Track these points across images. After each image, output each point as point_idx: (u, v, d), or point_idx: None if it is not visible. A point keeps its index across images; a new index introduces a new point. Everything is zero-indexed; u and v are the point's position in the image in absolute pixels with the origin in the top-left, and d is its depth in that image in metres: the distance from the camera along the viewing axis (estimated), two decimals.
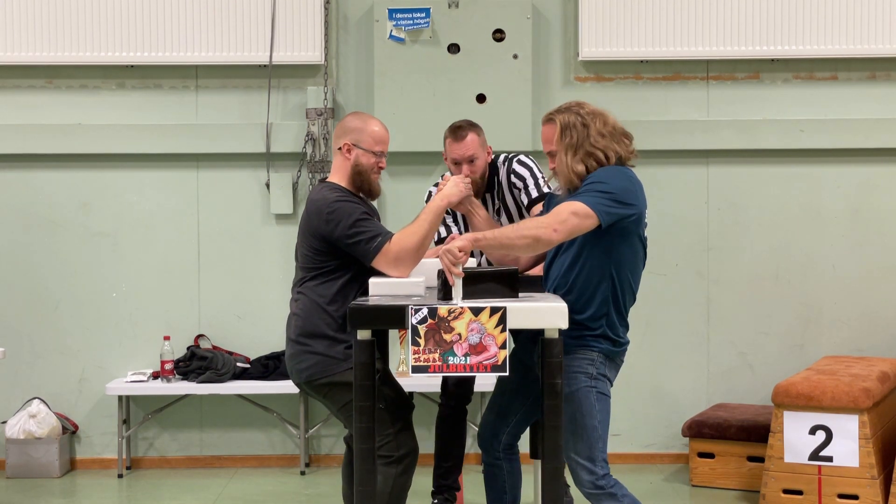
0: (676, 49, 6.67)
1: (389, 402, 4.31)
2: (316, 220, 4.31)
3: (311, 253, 4.36)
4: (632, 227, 4.10)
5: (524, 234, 3.99)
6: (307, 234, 4.37)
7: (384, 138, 4.46)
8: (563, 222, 3.98)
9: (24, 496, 6.18)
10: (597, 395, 4.10)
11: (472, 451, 6.79)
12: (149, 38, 6.64)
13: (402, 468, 4.29)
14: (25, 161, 6.74)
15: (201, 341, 6.76)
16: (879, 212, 6.76)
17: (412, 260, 4.23)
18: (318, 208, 4.32)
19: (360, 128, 4.44)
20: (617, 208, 4.02)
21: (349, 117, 4.55)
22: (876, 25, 6.62)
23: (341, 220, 4.25)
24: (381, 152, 4.45)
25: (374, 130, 4.44)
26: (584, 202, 4.00)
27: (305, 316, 4.35)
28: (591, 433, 4.08)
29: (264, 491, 6.26)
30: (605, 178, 4.07)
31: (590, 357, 4.10)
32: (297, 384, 4.48)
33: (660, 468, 6.65)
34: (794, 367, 6.63)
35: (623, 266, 4.12)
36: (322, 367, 4.31)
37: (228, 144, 6.73)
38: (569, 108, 4.23)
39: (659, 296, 6.68)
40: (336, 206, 4.28)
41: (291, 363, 4.41)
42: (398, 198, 6.68)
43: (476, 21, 6.61)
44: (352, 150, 4.41)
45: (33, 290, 6.75)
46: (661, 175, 6.67)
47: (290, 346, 4.42)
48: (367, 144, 4.42)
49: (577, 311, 4.06)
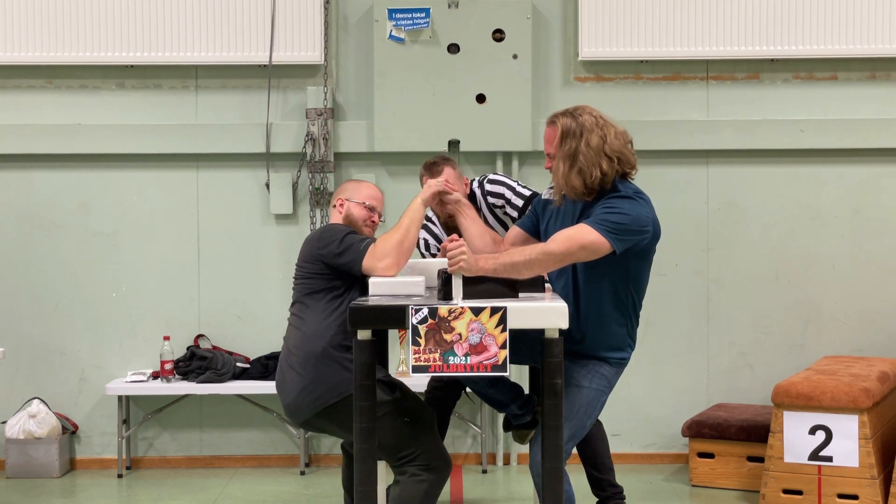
0: (676, 49, 6.67)
1: (412, 414, 4.37)
2: (310, 245, 4.51)
3: (308, 278, 4.47)
4: (649, 246, 4.16)
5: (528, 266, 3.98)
6: (305, 261, 4.51)
7: (377, 196, 4.72)
8: (569, 255, 4.01)
9: (24, 496, 6.18)
10: (602, 402, 4.21)
11: (471, 451, 6.79)
12: (148, 38, 6.64)
13: (437, 478, 4.35)
14: (25, 161, 6.74)
15: (201, 341, 6.76)
16: (879, 212, 6.76)
17: (396, 254, 4.29)
18: (312, 234, 4.58)
19: (354, 187, 4.74)
20: (631, 236, 4.05)
21: (345, 182, 4.90)
22: (876, 25, 6.62)
23: (332, 237, 4.43)
24: (373, 207, 4.67)
25: (367, 189, 4.73)
26: (598, 231, 4.00)
27: (305, 343, 4.38)
28: (579, 430, 4.16)
29: (264, 491, 6.27)
30: (619, 208, 4.06)
31: (615, 369, 4.22)
32: (304, 422, 4.45)
33: (660, 468, 6.65)
34: (794, 367, 6.63)
35: (640, 281, 4.22)
36: (340, 388, 4.32)
37: (228, 144, 6.73)
38: (573, 112, 4.21)
39: (659, 296, 6.66)
40: (328, 228, 4.53)
41: (301, 396, 4.37)
42: (398, 198, 6.66)
43: (476, 21, 6.61)
44: (344, 203, 4.66)
45: (33, 290, 6.76)
46: (661, 175, 6.67)
47: (294, 382, 4.39)
48: (359, 198, 4.67)
49: (606, 338, 4.18)
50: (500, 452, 6.78)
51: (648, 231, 4.10)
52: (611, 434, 5.29)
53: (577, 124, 4.15)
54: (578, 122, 4.15)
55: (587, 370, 4.17)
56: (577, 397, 4.12)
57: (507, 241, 4.48)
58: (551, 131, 4.22)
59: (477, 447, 6.78)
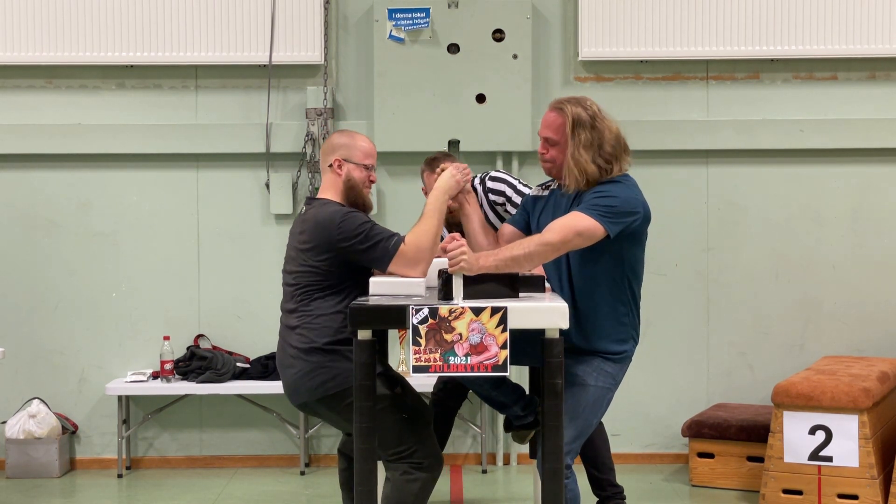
0: (676, 49, 6.67)
1: (412, 411, 4.34)
2: (327, 233, 4.25)
3: (316, 267, 4.29)
4: (640, 227, 4.17)
5: (528, 258, 3.99)
6: (312, 251, 4.29)
7: (373, 152, 4.48)
8: (567, 243, 4.02)
9: (24, 496, 6.18)
10: (608, 400, 4.21)
11: (471, 451, 6.79)
12: (148, 38, 6.64)
13: (429, 477, 4.32)
14: (25, 161, 6.74)
15: (201, 341, 6.76)
16: (879, 212, 6.76)
17: (429, 258, 4.21)
18: (329, 220, 4.27)
19: (349, 143, 4.44)
20: (622, 218, 4.07)
21: (335, 135, 4.54)
22: (876, 25, 6.62)
23: (355, 228, 4.22)
24: (371, 165, 4.47)
25: (363, 145, 4.46)
26: (591, 217, 4.02)
27: (311, 332, 4.31)
28: (585, 429, 4.15)
29: (264, 491, 6.27)
30: (607, 192, 4.10)
31: (620, 365, 4.22)
32: (302, 404, 4.38)
33: (660, 468, 6.65)
34: (793, 367, 6.63)
35: (636, 266, 4.21)
36: (343, 378, 4.26)
37: (228, 144, 6.73)
38: (579, 102, 4.21)
39: (659, 296, 6.68)
40: (348, 217, 4.26)
41: (302, 381, 4.30)
42: (398, 198, 6.69)
43: (476, 21, 6.61)
44: (343, 164, 4.40)
45: (33, 290, 6.75)
46: (661, 175, 6.68)
47: (297, 364, 4.32)
48: (358, 158, 4.42)
49: (606, 329, 4.17)
50: (500, 452, 6.78)
51: (639, 212, 4.12)
52: (611, 434, 5.29)
53: (588, 115, 4.17)
54: (589, 113, 4.18)
55: (591, 367, 4.16)
56: (583, 396, 4.12)
57: (501, 239, 4.48)
58: (556, 117, 4.20)
59: (477, 447, 6.78)
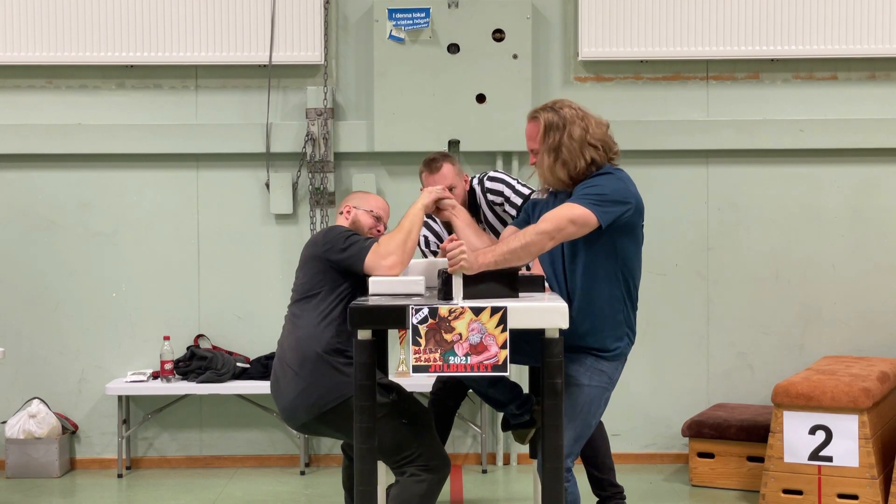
0: (676, 49, 6.67)
1: (410, 416, 4.38)
2: (314, 248, 4.50)
3: (306, 282, 4.47)
4: (633, 219, 4.14)
5: (526, 250, 3.99)
6: (304, 266, 4.52)
7: (384, 207, 4.79)
8: (560, 230, 4.01)
9: (24, 496, 6.18)
10: (605, 399, 4.19)
11: (471, 451, 6.79)
12: (148, 38, 6.65)
13: (436, 478, 4.35)
14: (25, 161, 6.74)
15: (201, 341, 6.76)
16: (879, 212, 6.76)
17: (401, 252, 4.31)
18: (316, 236, 4.58)
19: (362, 197, 4.81)
20: (613, 207, 4.05)
21: (353, 192, 4.93)
22: (876, 25, 6.62)
23: (335, 236, 4.44)
24: (380, 217, 4.72)
25: (375, 199, 4.80)
26: (582, 205, 4.02)
27: (299, 346, 4.38)
28: (584, 430, 4.14)
29: (264, 491, 6.27)
30: (597, 182, 4.10)
31: (614, 363, 4.19)
32: (302, 425, 4.43)
33: (660, 468, 6.65)
34: (793, 367, 6.63)
35: (630, 261, 4.18)
36: (339, 391, 4.32)
37: (228, 144, 6.73)
38: (552, 107, 4.23)
39: (659, 296, 6.68)
40: (330, 229, 4.53)
41: (298, 400, 4.35)
42: (398, 198, 6.67)
43: (476, 21, 6.61)
44: (352, 210, 4.70)
45: (33, 290, 6.75)
46: (660, 175, 6.68)
47: (291, 385, 4.38)
48: (367, 207, 4.72)
49: (601, 325, 4.14)
50: (500, 452, 6.78)
51: (631, 203, 4.10)
52: (611, 434, 5.29)
53: (559, 117, 4.17)
54: (560, 115, 4.17)
55: (585, 367, 4.15)
56: (578, 396, 4.11)
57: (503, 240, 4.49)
58: (533, 127, 4.23)
59: (477, 447, 6.78)
